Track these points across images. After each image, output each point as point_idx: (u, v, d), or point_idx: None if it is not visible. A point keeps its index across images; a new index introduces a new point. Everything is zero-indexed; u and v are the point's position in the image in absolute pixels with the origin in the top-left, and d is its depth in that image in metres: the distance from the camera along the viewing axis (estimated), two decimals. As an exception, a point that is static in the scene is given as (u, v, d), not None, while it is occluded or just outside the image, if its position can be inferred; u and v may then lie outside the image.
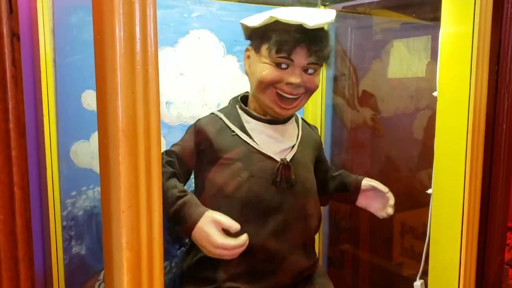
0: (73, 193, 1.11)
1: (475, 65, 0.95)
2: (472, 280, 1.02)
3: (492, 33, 1.01)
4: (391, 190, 1.16)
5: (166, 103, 1.22)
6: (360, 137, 1.50)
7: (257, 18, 1.02)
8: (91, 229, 1.15)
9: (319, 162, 1.19)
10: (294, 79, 0.99)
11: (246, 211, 0.98)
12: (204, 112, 1.22)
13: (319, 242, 1.50)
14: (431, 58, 1.30)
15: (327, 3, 1.34)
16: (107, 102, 0.60)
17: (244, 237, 0.89)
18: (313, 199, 1.10)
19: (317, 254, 1.47)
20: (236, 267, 0.99)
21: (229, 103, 1.16)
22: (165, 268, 1.25)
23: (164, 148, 1.22)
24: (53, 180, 1.07)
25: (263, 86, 1.01)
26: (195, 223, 0.89)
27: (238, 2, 1.29)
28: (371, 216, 1.19)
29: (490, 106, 1.05)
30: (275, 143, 1.05)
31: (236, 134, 1.04)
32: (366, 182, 1.17)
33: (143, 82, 0.61)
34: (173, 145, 1.07)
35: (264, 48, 1.01)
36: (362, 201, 1.19)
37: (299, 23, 0.94)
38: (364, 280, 1.52)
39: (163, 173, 0.96)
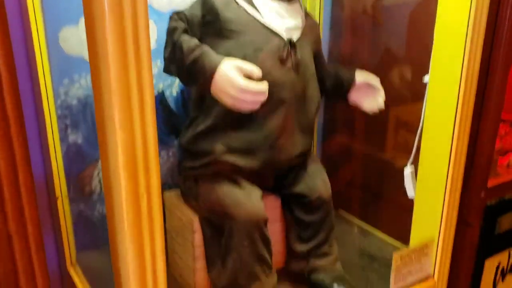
0: (65, 81, 1.10)
1: (470, 39, 0.92)
2: (461, 170, 1.04)
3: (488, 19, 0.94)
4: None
5: (156, -13, 1.16)
6: (359, 26, 1.45)
7: None
8: (86, 118, 1.15)
9: (317, 58, 1.15)
10: None
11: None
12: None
13: (315, 132, 1.52)
14: None
15: None
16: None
17: (266, 84, 0.89)
18: (315, 84, 1.10)
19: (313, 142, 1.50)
20: (234, 141, 1.01)
21: None
22: (162, 157, 1.28)
23: (154, 35, 1.19)
24: (43, 69, 1.05)
25: None
26: (216, 68, 0.89)
27: None
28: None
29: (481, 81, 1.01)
30: (282, 20, 1.03)
31: (244, 8, 1.01)
32: (361, 77, 1.16)
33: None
34: (182, 10, 1.03)
35: None
36: (353, 96, 1.19)
37: None
38: (358, 171, 1.56)
39: (175, 27, 0.97)
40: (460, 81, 0.96)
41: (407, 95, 1.33)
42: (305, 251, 1.12)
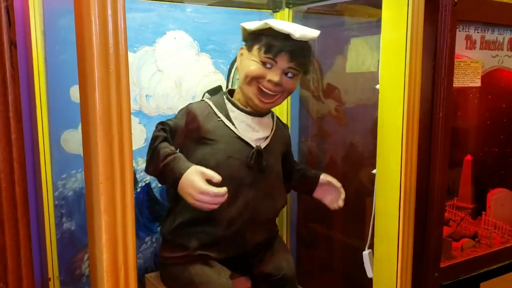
0: (64, 175, 1.26)
1: (409, 61, 1.10)
2: (409, 252, 1.18)
3: (428, 33, 1.16)
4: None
5: (146, 96, 1.37)
6: (325, 127, 1.65)
7: (254, 23, 1.19)
8: (81, 208, 1.30)
9: (286, 156, 1.35)
10: (275, 77, 1.16)
11: (222, 186, 1.09)
12: (180, 104, 1.36)
13: (287, 223, 1.66)
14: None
15: (291, 6, 1.49)
16: (88, 96, 0.76)
17: (225, 189, 1.03)
18: (279, 184, 1.28)
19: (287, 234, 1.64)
20: (207, 237, 1.16)
21: (203, 96, 1.32)
22: (146, 242, 1.41)
23: (144, 136, 1.38)
24: (45, 165, 1.22)
25: (248, 79, 1.18)
26: (182, 173, 1.04)
27: (210, 5, 1.43)
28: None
29: (428, 96, 1.20)
30: (252, 131, 1.22)
31: (221, 120, 1.20)
32: (324, 177, 1.35)
33: (116, 79, 0.76)
34: (167, 120, 1.21)
35: (255, 48, 1.18)
36: (318, 193, 1.37)
37: (287, 33, 1.13)
38: (330, 254, 1.67)
39: (157, 136, 1.14)
40: (401, 176, 1.13)
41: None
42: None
